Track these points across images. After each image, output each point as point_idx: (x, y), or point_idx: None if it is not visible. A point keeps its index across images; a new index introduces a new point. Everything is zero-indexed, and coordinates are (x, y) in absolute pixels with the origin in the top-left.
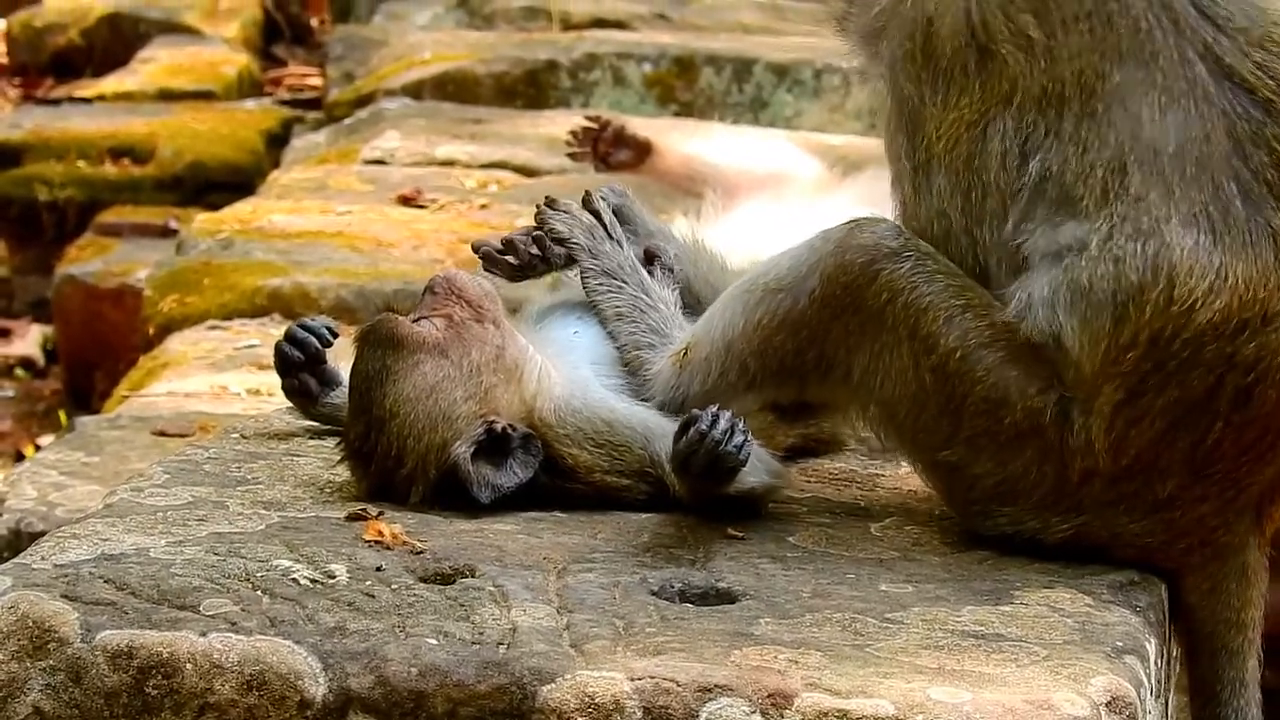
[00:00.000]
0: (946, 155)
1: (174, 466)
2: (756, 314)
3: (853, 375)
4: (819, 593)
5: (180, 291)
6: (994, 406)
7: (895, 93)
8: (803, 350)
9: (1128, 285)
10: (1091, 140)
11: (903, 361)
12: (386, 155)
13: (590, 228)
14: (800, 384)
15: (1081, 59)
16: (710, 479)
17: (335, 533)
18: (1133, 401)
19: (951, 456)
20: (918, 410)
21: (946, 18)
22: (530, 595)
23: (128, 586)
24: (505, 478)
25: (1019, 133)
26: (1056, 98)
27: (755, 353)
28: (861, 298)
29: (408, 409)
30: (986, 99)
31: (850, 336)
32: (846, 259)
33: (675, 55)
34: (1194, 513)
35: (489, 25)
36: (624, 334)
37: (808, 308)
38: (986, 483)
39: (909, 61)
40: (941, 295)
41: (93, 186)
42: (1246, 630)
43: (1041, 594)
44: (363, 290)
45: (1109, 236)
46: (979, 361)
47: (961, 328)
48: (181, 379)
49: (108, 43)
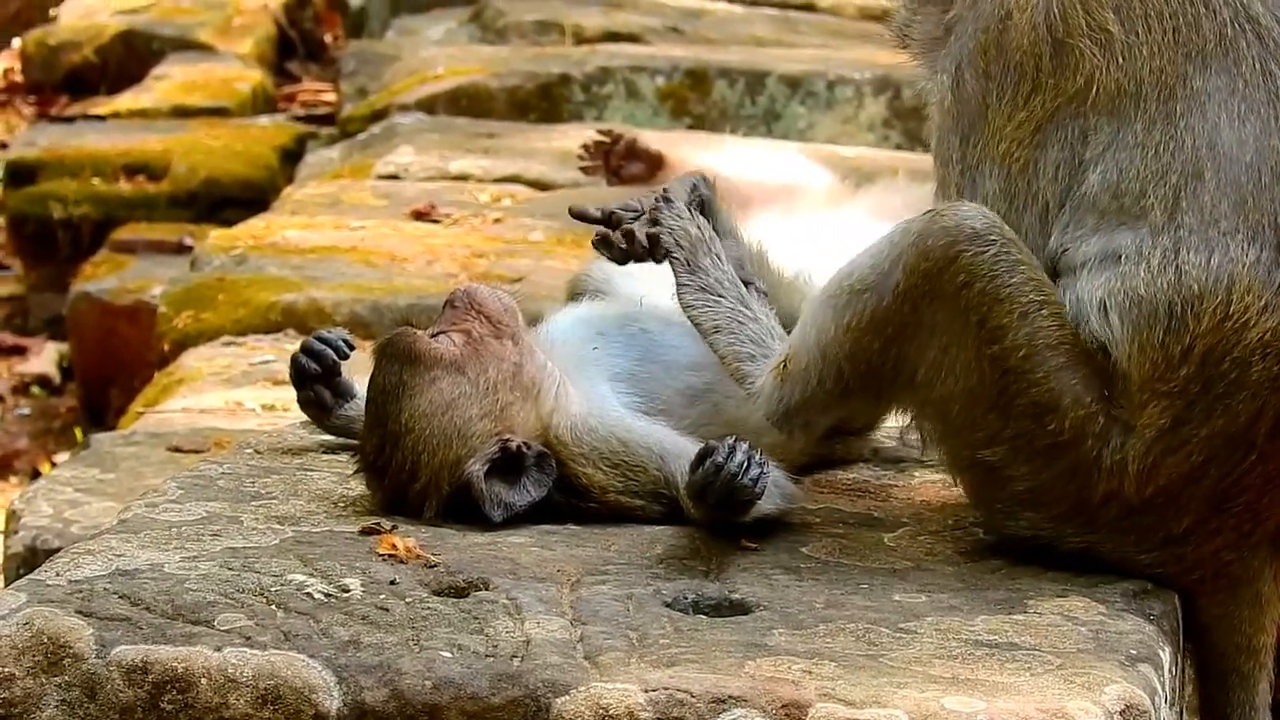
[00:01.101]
0: (1003, 160)
1: (188, 482)
2: (845, 317)
3: (917, 375)
4: (833, 603)
5: (195, 308)
6: (1043, 411)
7: (958, 92)
8: (886, 349)
9: (1187, 296)
10: (1165, 144)
11: (966, 354)
12: (400, 170)
13: (696, 241)
14: (878, 389)
15: (1162, 57)
16: (725, 510)
17: (349, 547)
18: (1176, 429)
19: (991, 456)
20: (970, 405)
21: (1026, 11)
22: (544, 608)
23: (142, 602)
24: (518, 496)
25: (1083, 138)
26: (1132, 97)
27: (848, 356)
28: (939, 283)
29: (423, 425)
30: (1058, 97)
31: (923, 331)
32: (928, 245)
33: (688, 68)
34: (1208, 546)
35: (502, 40)
36: (723, 345)
37: (891, 303)
38: (1018, 486)
39: (980, 55)
40: (1021, 288)
41: (107, 204)
42: (1258, 655)
43: (1055, 603)
44: (377, 305)
45: (1175, 246)
46: (1042, 363)
47: (1033, 325)
48: (196, 395)
49: (122, 60)
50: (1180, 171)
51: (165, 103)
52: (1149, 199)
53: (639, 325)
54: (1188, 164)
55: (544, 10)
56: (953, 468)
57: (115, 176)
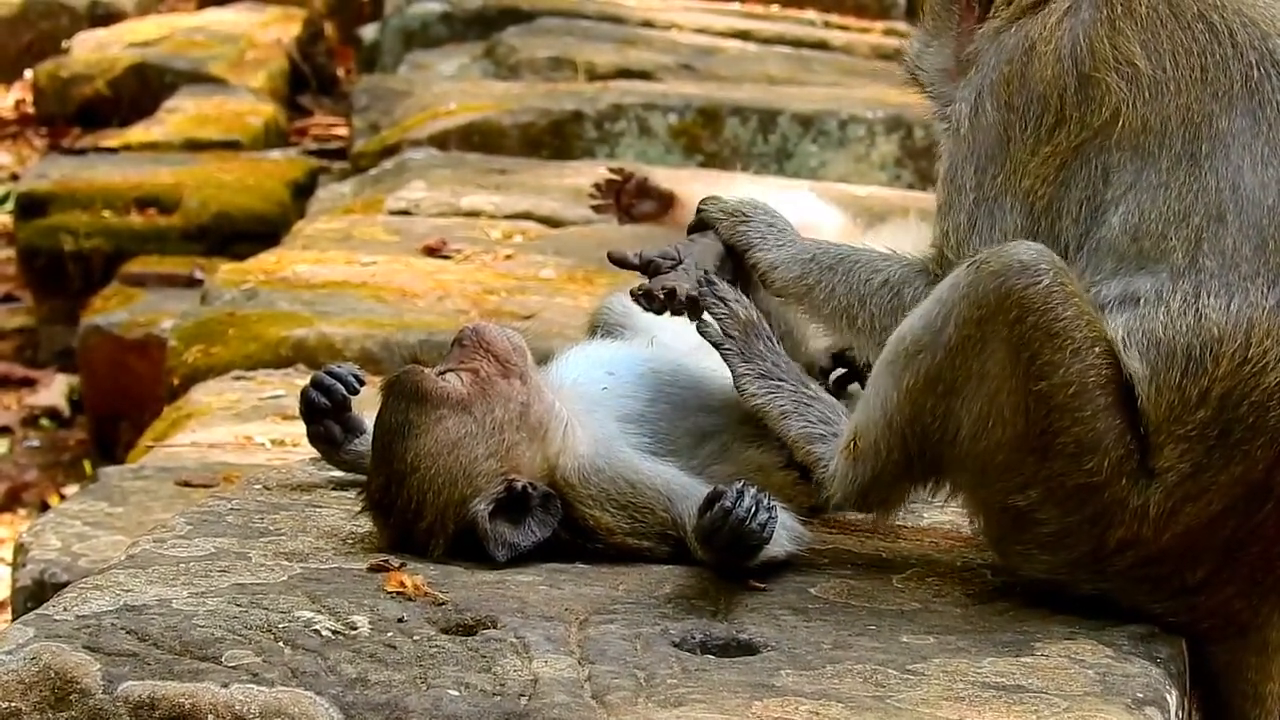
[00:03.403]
0: (1026, 196)
1: (196, 517)
2: (905, 380)
3: (961, 431)
4: (840, 644)
5: (205, 342)
6: (1083, 450)
7: (976, 120)
8: (937, 406)
9: (1206, 340)
10: (1189, 185)
11: (1015, 397)
12: (412, 206)
13: (746, 325)
14: (933, 453)
15: (1189, 95)
16: (734, 554)
17: (357, 584)
18: (1197, 476)
19: (1023, 500)
20: (1011, 451)
21: (1051, 43)
22: (552, 646)
23: (150, 638)
24: (523, 536)
25: (1105, 177)
26: (1157, 134)
27: (909, 421)
28: (991, 327)
29: (428, 464)
30: (1083, 130)
31: (971, 382)
32: (979, 293)
33: (700, 106)
34: (1220, 595)
35: (514, 76)
36: (794, 431)
37: (944, 359)
38: (1044, 530)
39: (1003, 86)
40: (1074, 323)
41: (118, 236)
42: (1264, 702)
43: (1062, 645)
44: (387, 341)
45: (1195, 290)
46: (1090, 401)
47: (1084, 362)
48: (206, 429)
49: (134, 93)
50: (1203, 214)
51: (177, 136)
52: (1170, 241)
53: (649, 365)
54: (1210, 206)
55: (557, 47)
56: (978, 513)
57: (126, 209)
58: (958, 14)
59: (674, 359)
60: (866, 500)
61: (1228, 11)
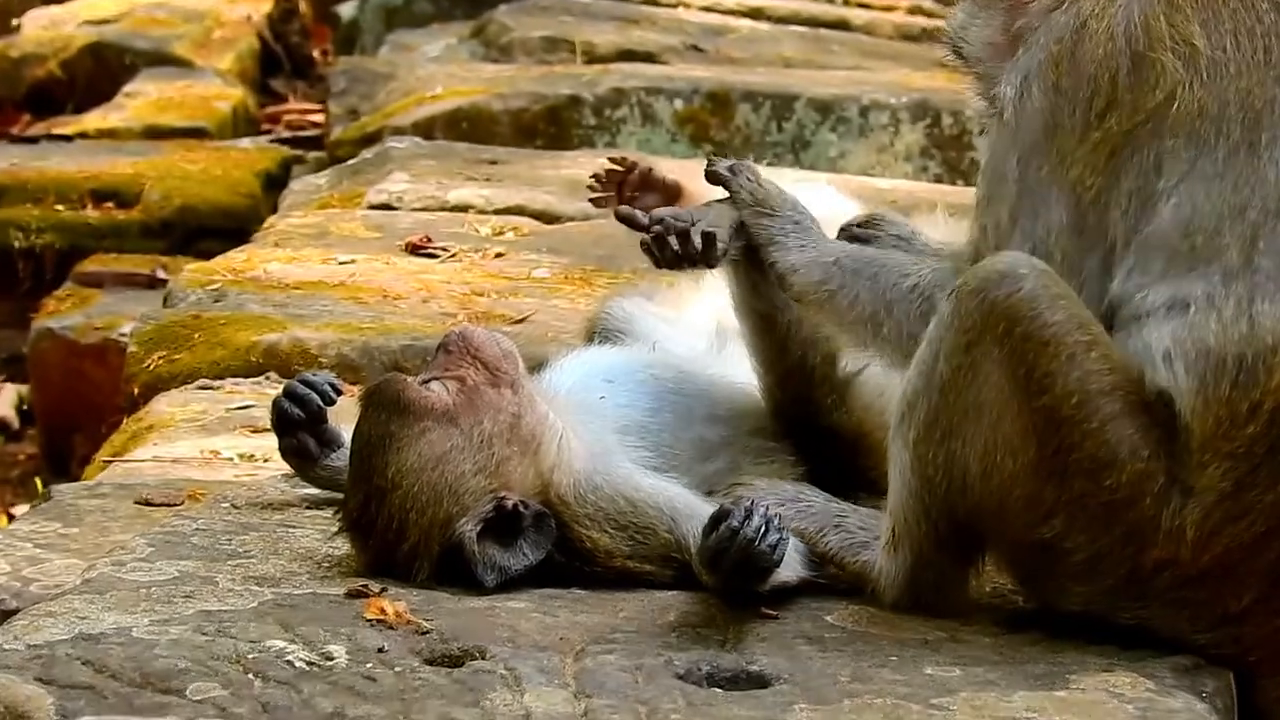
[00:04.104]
0: (1074, 187)
1: (159, 539)
2: (909, 437)
3: (969, 472)
4: (859, 676)
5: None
6: (1100, 466)
7: (1021, 106)
8: (937, 453)
9: (1260, 349)
10: (1246, 176)
11: (1020, 421)
12: (394, 199)
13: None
14: (953, 505)
15: (1250, 78)
16: (741, 578)
17: (334, 611)
18: (1239, 494)
19: (1049, 532)
20: (1028, 481)
21: (1104, 20)
22: (545, 679)
23: (107, 669)
24: (513, 559)
25: (1158, 166)
26: (1214, 120)
27: (924, 482)
28: (980, 348)
29: (411, 480)
30: (1135, 114)
31: (970, 416)
32: (961, 316)
33: (709, 90)
34: (1268, 626)
35: (506, 57)
36: (835, 545)
37: (939, 401)
38: (1075, 558)
39: (1051, 67)
40: (1065, 326)
41: (73, 232)
42: None
43: (1099, 678)
44: (367, 347)
45: (1250, 294)
46: (1096, 410)
47: (1083, 369)
48: (169, 443)
49: (91, 75)
50: (1260, 208)
51: (137, 122)
52: (1224, 238)
53: (651, 372)
54: (1269, 200)
55: (553, 26)
56: (1005, 556)
57: (82, 202)
58: None
59: (677, 365)
60: (918, 592)
61: None
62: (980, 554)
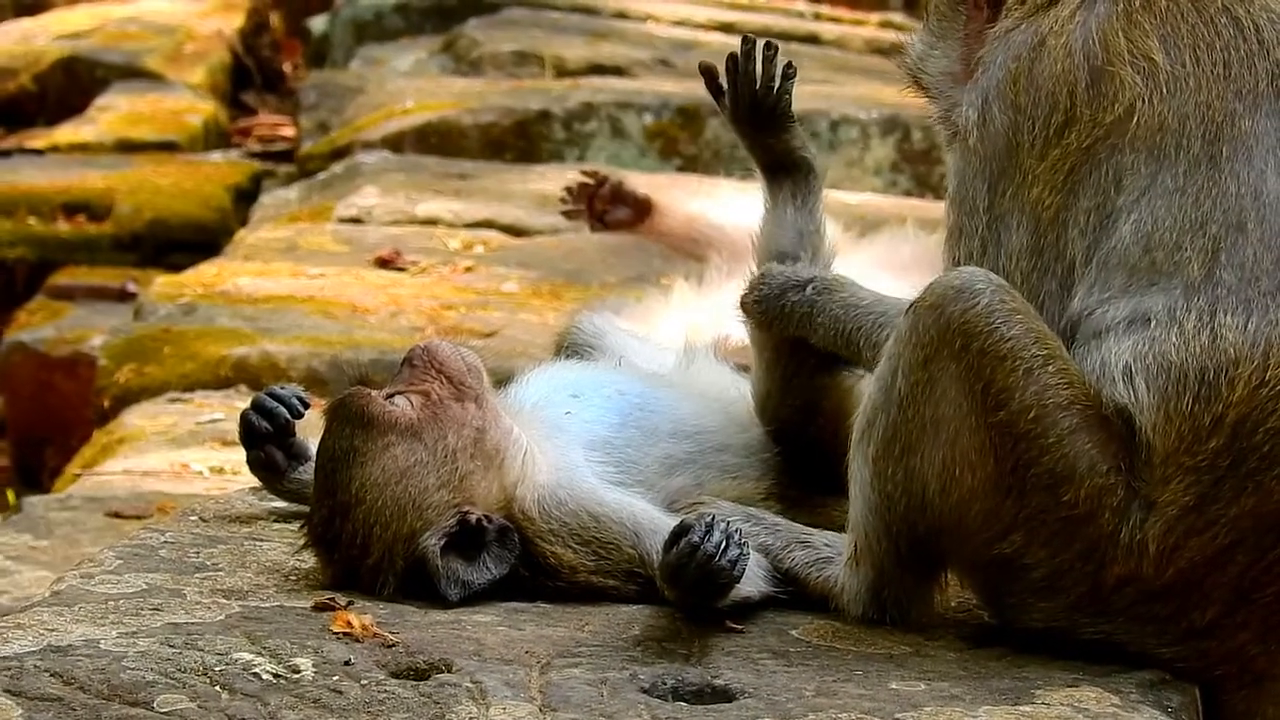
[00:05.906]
0: (1033, 207)
1: (127, 551)
2: (869, 453)
3: (928, 489)
4: (824, 691)
5: (138, 361)
6: (1057, 481)
7: (984, 130)
8: (896, 469)
9: (1221, 361)
10: (1207, 190)
11: (977, 437)
12: (363, 213)
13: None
14: (912, 521)
15: (1210, 92)
16: (701, 594)
17: (301, 624)
18: (1202, 508)
19: (1008, 547)
20: (986, 497)
21: (1063, 36)
22: (511, 692)
23: (75, 681)
24: (477, 574)
25: (1117, 182)
26: (1174, 134)
27: (883, 499)
28: (937, 364)
29: (375, 495)
30: (1095, 128)
31: (927, 431)
32: (919, 332)
33: (679, 105)
34: (1233, 641)
35: (476, 72)
36: (799, 561)
37: (897, 416)
38: (1035, 575)
39: (1010, 85)
40: (1021, 341)
41: (44, 245)
42: None
43: (1065, 693)
44: (336, 360)
45: (1211, 307)
46: (1053, 425)
47: (1040, 383)
48: (139, 456)
49: (62, 89)
50: (1221, 222)
51: (109, 136)
52: (1185, 252)
53: (617, 387)
54: (1230, 213)
55: (523, 40)
56: (965, 572)
57: (53, 216)
58: (965, 14)
59: (644, 381)
60: (880, 606)
61: (1254, 6)
62: (942, 570)
